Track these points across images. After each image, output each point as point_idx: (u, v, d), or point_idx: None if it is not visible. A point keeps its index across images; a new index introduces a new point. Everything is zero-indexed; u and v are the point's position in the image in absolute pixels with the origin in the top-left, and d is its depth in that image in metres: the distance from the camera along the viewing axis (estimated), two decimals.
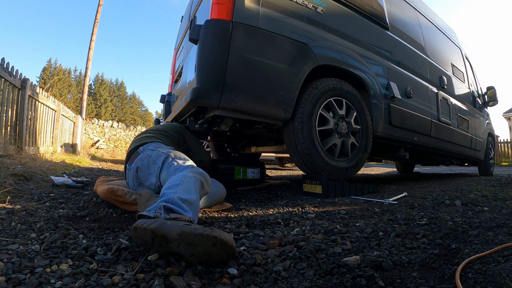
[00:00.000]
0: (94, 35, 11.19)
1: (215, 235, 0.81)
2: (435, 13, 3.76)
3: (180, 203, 1.05)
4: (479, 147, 4.13)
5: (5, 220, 1.25)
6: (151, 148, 1.64)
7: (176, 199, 1.06)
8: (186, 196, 1.10)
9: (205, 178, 1.30)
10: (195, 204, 1.13)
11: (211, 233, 0.81)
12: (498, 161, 11.87)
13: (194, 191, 1.16)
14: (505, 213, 1.40)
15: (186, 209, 1.04)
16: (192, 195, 1.13)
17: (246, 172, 2.45)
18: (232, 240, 0.85)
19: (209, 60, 1.71)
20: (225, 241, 0.82)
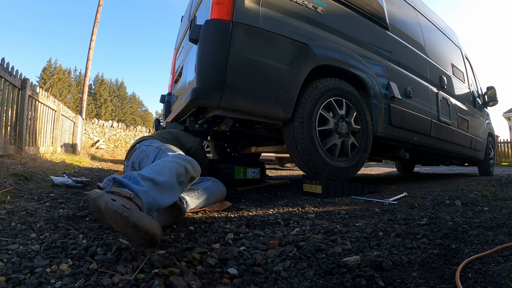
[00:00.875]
0: (94, 35, 11.19)
1: (126, 215, 0.80)
2: (435, 13, 3.76)
3: (138, 179, 1.01)
4: (479, 147, 4.13)
5: (5, 220, 1.25)
6: (146, 144, 1.68)
7: (135, 175, 1.03)
8: (151, 175, 1.06)
9: (191, 165, 1.24)
10: (164, 185, 1.07)
11: (123, 212, 0.80)
12: (498, 161, 11.87)
13: (168, 174, 1.11)
14: (505, 213, 1.40)
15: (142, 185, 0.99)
16: (162, 176, 1.08)
17: (246, 172, 2.45)
18: (148, 227, 0.81)
19: (209, 60, 1.71)
20: (137, 225, 0.80)
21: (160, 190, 1.05)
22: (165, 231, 1.24)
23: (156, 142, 1.71)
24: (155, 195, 1.02)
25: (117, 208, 0.82)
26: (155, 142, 1.70)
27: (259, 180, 2.55)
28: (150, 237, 0.81)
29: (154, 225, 0.83)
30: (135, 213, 0.83)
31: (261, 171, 2.56)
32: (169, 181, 1.10)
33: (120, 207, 0.82)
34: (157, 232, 0.83)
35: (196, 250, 0.96)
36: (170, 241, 1.11)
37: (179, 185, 1.18)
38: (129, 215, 0.81)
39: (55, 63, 29.16)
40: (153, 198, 1.00)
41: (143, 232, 0.81)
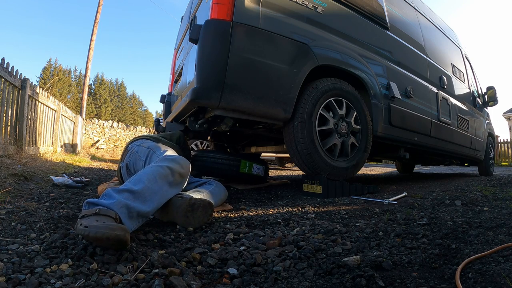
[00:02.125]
0: (94, 35, 11.20)
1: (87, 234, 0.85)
2: (435, 13, 3.76)
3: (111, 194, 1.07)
4: (479, 147, 4.13)
5: (5, 220, 1.25)
6: (138, 144, 1.73)
7: (109, 191, 1.09)
8: (127, 187, 1.12)
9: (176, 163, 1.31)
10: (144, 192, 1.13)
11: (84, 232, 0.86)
12: (498, 161, 11.87)
13: (146, 180, 1.17)
14: (505, 213, 1.40)
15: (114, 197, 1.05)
16: (140, 184, 1.14)
17: (252, 167, 2.40)
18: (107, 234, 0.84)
19: (209, 60, 1.71)
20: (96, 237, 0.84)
21: (140, 197, 1.11)
22: (165, 231, 1.24)
23: (147, 142, 1.74)
24: (133, 204, 1.07)
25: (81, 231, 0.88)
26: (146, 142, 1.74)
27: (262, 178, 2.52)
28: (114, 240, 0.84)
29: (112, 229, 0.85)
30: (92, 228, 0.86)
31: (265, 169, 2.55)
32: (149, 187, 1.15)
33: (82, 229, 0.87)
34: (118, 233, 0.85)
35: (196, 250, 0.96)
36: (170, 241, 1.11)
37: (168, 186, 1.24)
38: (89, 233, 0.85)
39: (55, 63, 29.18)
40: (130, 206, 1.05)
41: (106, 239, 0.84)
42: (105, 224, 0.88)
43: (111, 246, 0.88)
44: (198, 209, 1.25)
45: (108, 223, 0.90)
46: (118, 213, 1.00)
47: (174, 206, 1.27)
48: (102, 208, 0.98)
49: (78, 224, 0.92)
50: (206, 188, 1.66)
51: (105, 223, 0.90)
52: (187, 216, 1.24)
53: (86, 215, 0.96)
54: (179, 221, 1.26)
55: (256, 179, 2.49)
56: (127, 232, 0.87)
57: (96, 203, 1.03)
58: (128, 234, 0.87)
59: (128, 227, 1.01)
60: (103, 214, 0.95)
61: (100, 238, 0.84)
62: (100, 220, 0.92)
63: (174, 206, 1.28)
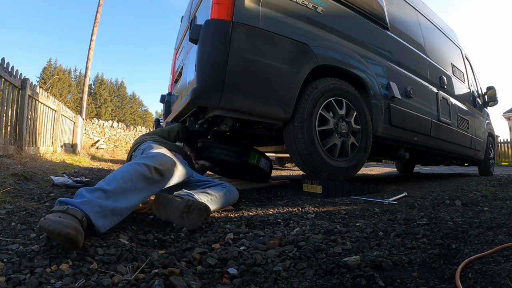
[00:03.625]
0: (94, 35, 11.20)
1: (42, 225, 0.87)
2: (435, 13, 3.76)
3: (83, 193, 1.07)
4: (479, 147, 4.13)
5: (5, 220, 1.25)
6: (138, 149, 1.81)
7: (81, 191, 1.09)
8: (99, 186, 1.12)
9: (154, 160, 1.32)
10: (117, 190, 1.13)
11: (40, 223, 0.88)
12: (498, 161, 11.87)
13: (120, 179, 1.17)
14: (505, 213, 1.40)
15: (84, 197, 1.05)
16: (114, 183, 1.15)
17: (260, 160, 2.40)
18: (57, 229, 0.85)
19: (209, 60, 1.71)
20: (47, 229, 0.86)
21: (112, 196, 1.11)
22: (165, 231, 1.24)
23: (145, 144, 1.81)
24: (106, 202, 1.07)
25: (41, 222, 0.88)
26: (144, 145, 1.81)
27: (266, 174, 2.52)
28: (64, 237, 0.85)
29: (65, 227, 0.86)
30: (48, 221, 0.87)
31: (271, 167, 2.56)
32: (122, 185, 1.15)
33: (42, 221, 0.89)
34: (69, 231, 0.86)
35: (196, 250, 0.96)
36: (170, 241, 1.11)
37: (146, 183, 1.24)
38: (43, 225, 0.87)
39: (55, 63, 29.18)
40: (101, 205, 1.05)
41: (56, 234, 0.85)
42: (61, 220, 0.89)
43: (62, 242, 0.88)
44: (193, 211, 1.25)
45: (65, 220, 0.89)
46: (89, 212, 1.00)
47: (172, 206, 1.29)
48: (71, 207, 0.98)
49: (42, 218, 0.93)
50: (218, 190, 1.66)
51: (63, 220, 0.90)
52: (183, 217, 1.25)
53: (54, 211, 0.97)
54: (174, 221, 1.28)
55: (261, 173, 2.49)
56: (80, 233, 0.87)
57: (67, 203, 1.03)
58: (80, 236, 0.87)
59: (101, 225, 1.02)
60: (69, 213, 0.95)
61: (52, 232, 0.85)
62: (63, 217, 0.92)
63: (171, 205, 1.30)
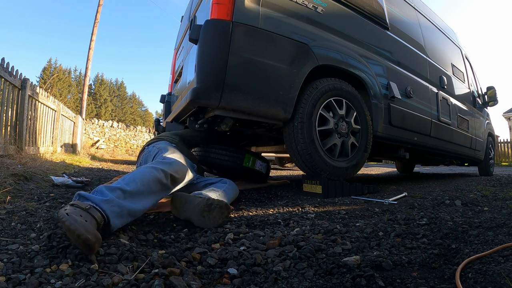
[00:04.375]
0: (94, 35, 11.19)
1: (64, 220, 0.87)
2: (435, 13, 3.76)
3: (103, 191, 1.08)
4: (479, 147, 4.13)
5: (5, 220, 1.25)
6: (153, 145, 1.81)
7: (102, 188, 1.10)
8: (119, 185, 1.13)
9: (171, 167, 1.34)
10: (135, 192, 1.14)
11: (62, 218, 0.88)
12: (498, 161, 11.87)
13: (139, 181, 1.19)
14: (505, 213, 1.40)
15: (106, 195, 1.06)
16: (133, 184, 1.16)
17: (255, 162, 2.39)
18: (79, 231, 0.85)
19: (209, 60, 1.71)
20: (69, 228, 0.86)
21: (130, 197, 1.12)
22: (165, 231, 1.24)
23: (161, 144, 1.81)
24: (123, 203, 1.08)
25: (61, 215, 0.90)
26: (160, 144, 1.82)
27: (263, 175, 2.50)
28: (83, 240, 0.85)
29: (87, 231, 0.86)
30: (71, 219, 0.88)
31: (267, 168, 2.54)
32: (140, 188, 1.17)
33: (63, 214, 0.89)
34: (89, 237, 0.85)
35: (196, 250, 0.96)
36: (170, 241, 1.11)
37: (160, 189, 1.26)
38: (65, 220, 0.87)
39: (55, 63, 29.18)
40: (121, 205, 1.06)
41: (76, 236, 0.85)
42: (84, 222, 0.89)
43: (77, 244, 0.88)
44: (214, 209, 1.25)
45: (87, 224, 0.90)
46: (109, 212, 1.01)
47: (192, 205, 1.28)
48: (93, 207, 0.99)
49: (63, 208, 0.93)
50: (220, 187, 1.67)
51: (86, 222, 0.90)
52: (203, 216, 1.25)
53: (75, 205, 0.97)
54: (195, 220, 1.26)
55: (258, 176, 2.47)
56: (98, 242, 0.88)
57: (88, 198, 1.03)
58: (98, 244, 0.87)
59: (116, 225, 1.04)
60: (90, 214, 0.96)
61: (72, 231, 0.85)
62: (84, 216, 0.92)
63: (191, 204, 1.28)
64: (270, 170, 2.81)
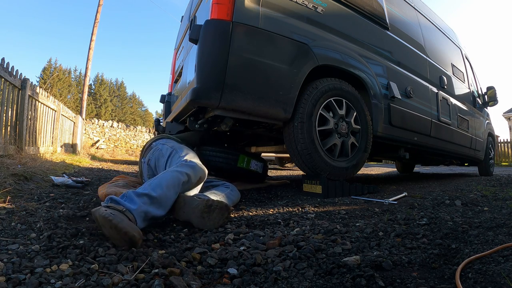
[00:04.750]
0: (94, 35, 11.19)
1: (110, 218, 0.96)
2: (435, 13, 3.76)
3: (132, 197, 1.16)
4: (479, 147, 4.13)
5: (5, 220, 1.25)
6: (162, 143, 1.82)
7: (130, 193, 1.18)
8: (146, 191, 1.20)
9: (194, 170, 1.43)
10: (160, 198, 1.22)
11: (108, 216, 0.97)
12: (498, 161, 11.87)
13: (165, 186, 1.26)
14: (505, 213, 1.40)
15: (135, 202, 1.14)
16: (159, 189, 1.23)
17: (250, 162, 2.37)
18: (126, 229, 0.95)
19: (209, 60, 1.71)
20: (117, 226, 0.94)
21: (156, 203, 1.20)
22: (165, 231, 1.24)
23: (171, 142, 1.83)
24: (149, 209, 1.17)
25: (105, 214, 0.98)
26: (170, 142, 1.83)
27: (260, 175, 2.50)
28: (129, 238, 0.94)
29: (132, 228, 0.97)
30: (118, 217, 0.98)
31: (264, 167, 2.53)
32: (166, 193, 1.25)
33: (108, 213, 0.98)
34: (135, 234, 0.96)
35: (196, 250, 0.96)
36: (170, 241, 1.11)
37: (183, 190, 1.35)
38: (112, 219, 0.96)
39: (55, 63, 29.19)
40: (147, 211, 1.15)
41: (123, 233, 0.94)
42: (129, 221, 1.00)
43: (121, 240, 0.96)
44: (214, 210, 1.25)
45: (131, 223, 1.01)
46: (137, 217, 1.10)
47: (191, 206, 1.28)
48: (127, 209, 1.08)
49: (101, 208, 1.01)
50: (222, 190, 1.68)
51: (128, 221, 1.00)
52: (203, 217, 1.24)
53: (111, 207, 1.05)
54: (194, 222, 1.26)
55: (254, 176, 2.45)
56: (141, 238, 0.98)
57: (120, 202, 1.12)
58: (141, 240, 0.98)
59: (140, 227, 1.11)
60: (126, 216, 1.05)
61: (120, 229, 0.94)
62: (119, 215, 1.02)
63: (190, 206, 1.28)
64: (268, 169, 2.80)
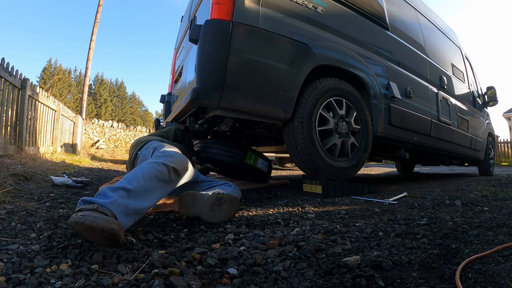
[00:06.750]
0: (94, 35, 11.19)
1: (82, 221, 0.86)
2: (435, 13, 3.76)
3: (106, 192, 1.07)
4: (479, 147, 4.13)
5: (5, 220, 1.25)
6: (145, 148, 1.79)
7: (104, 190, 1.10)
8: (121, 185, 1.12)
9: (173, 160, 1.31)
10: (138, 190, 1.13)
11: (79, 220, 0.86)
12: (498, 161, 11.86)
13: (141, 178, 1.17)
14: (505, 213, 1.40)
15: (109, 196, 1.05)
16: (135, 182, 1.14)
17: (257, 160, 2.37)
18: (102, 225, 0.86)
19: (209, 60, 1.71)
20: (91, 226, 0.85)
21: (134, 195, 1.10)
22: (165, 231, 1.24)
23: (153, 143, 1.79)
24: (127, 202, 1.06)
25: (75, 219, 0.87)
26: (152, 143, 1.79)
27: (265, 174, 2.49)
28: (108, 233, 0.85)
29: (108, 222, 0.87)
30: (88, 217, 0.87)
31: (269, 167, 2.53)
32: (143, 185, 1.15)
33: (78, 217, 0.88)
34: (114, 227, 0.86)
35: (196, 250, 0.96)
36: (170, 241, 1.11)
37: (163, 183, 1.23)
38: (84, 221, 0.86)
39: (55, 63, 29.22)
40: (125, 204, 1.05)
41: (99, 230, 0.85)
42: (102, 216, 0.89)
43: (102, 239, 0.87)
44: (224, 203, 1.28)
45: (106, 216, 0.91)
46: (116, 212, 1.00)
47: (201, 201, 1.30)
48: (100, 206, 0.98)
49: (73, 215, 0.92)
50: (225, 189, 1.67)
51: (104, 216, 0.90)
52: (213, 209, 1.26)
53: (83, 209, 0.95)
54: (204, 215, 1.28)
55: (259, 174, 2.45)
56: (122, 229, 0.88)
57: (93, 202, 1.02)
58: (122, 232, 0.88)
59: (125, 224, 1.01)
60: (100, 211, 0.95)
61: (95, 228, 0.84)
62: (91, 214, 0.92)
63: (201, 200, 1.30)
64: (272, 169, 2.80)
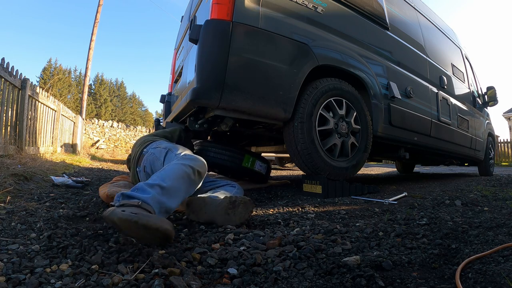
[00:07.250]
0: (94, 35, 11.19)
1: (136, 219, 0.87)
2: (435, 13, 3.76)
3: (144, 188, 1.10)
4: (479, 147, 4.13)
5: (5, 220, 1.25)
6: (154, 147, 1.76)
7: (142, 185, 1.12)
8: (157, 182, 1.14)
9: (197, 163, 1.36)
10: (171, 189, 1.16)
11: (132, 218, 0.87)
12: (498, 161, 11.86)
13: (173, 177, 1.20)
14: (505, 213, 1.40)
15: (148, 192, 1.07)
16: (168, 180, 1.17)
17: (254, 163, 2.37)
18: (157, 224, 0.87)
19: (209, 60, 1.71)
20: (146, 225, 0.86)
21: (167, 193, 1.14)
22: None
23: (163, 143, 1.78)
24: (162, 199, 1.10)
25: (127, 216, 0.89)
26: (162, 143, 1.78)
27: (263, 176, 2.49)
28: (162, 233, 0.88)
29: (163, 222, 0.89)
30: (143, 216, 0.89)
31: (268, 168, 2.52)
32: (175, 184, 1.19)
33: (130, 214, 0.89)
34: (168, 227, 0.89)
35: (196, 250, 0.96)
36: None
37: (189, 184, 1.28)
38: (138, 219, 0.87)
39: (55, 63, 29.23)
40: (161, 201, 1.08)
41: (154, 230, 0.87)
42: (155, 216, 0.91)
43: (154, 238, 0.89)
44: (239, 206, 1.27)
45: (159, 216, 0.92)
46: (155, 208, 1.03)
47: (213, 205, 1.28)
48: (143, 202, 1.01)
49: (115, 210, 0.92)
50: (229, 190, 1.67)
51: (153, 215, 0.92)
52: (228, 213, 1.25)
53: (125, 205, 0.97)
54: (219, 220, 1.27)
55: (257, 176, 2.45)
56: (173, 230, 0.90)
57: (134, 197, 1.04)
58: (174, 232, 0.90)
59: None
60: (144, 208, 0.97)
61: (150, 227, 0.86)
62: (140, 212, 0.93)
63: (212, 205, 1.29)
64: (271, 170, 2.80)
